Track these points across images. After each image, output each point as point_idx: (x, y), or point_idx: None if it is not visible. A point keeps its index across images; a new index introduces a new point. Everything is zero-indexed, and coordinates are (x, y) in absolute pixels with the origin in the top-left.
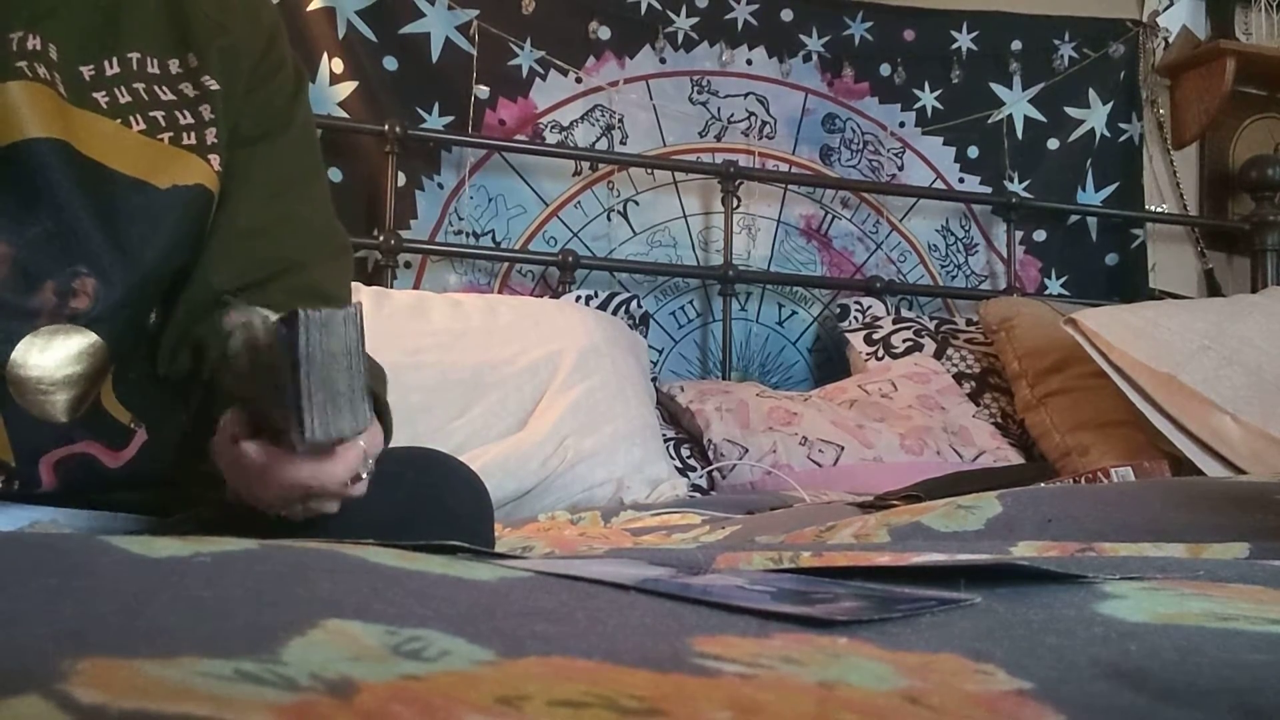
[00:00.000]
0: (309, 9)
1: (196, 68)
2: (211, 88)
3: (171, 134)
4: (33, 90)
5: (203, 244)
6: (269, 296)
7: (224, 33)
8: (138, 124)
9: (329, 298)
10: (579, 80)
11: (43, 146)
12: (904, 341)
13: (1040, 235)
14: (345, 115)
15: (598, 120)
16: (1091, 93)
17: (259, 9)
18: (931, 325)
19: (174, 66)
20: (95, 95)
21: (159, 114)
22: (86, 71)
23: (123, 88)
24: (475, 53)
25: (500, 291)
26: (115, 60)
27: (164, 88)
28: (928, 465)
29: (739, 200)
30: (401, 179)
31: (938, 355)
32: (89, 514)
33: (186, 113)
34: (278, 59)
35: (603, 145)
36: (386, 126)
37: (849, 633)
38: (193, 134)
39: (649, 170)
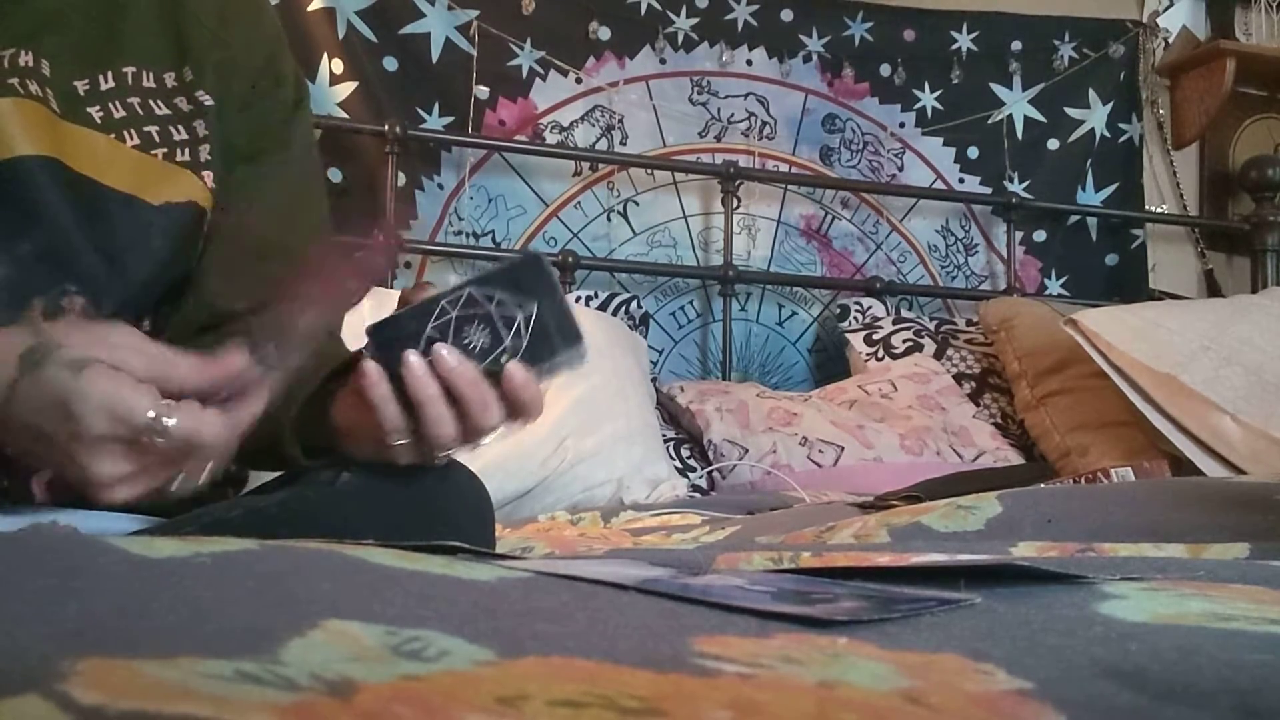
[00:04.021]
0: (309, 9)
1: (191, 82)
2: (205, 103)
3: (165, 150)
4: (23, 107)
5: (193, 259)
6: (263, 319)
7: (222, 46)
8: (131, 139)
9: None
10: (579, 81)
11: (32, 164)
12: (904, 342)
13: (1040, 235)
14: (345, 115)
15: (598, 121)
16: (1091, 93)
17: (260, 20)
18: (931, 326)
19: (170, 80)
20: (89, 110)
21: (153, 129)
22: (81, 86)
23: (117, 102)
24: (475, 53)
25: None
26: (110, 74)
27: (159, 102)
28: (928, 465)
29: (739, 200)
30: (401, 179)
31: (938, 356)
32: (90, 514)
33: (181, 128)
34: (278, 73)
35: (603, 146)
36: (386, 127)
37: (849, 633)
38: (186, 150)
39: (649, 170)
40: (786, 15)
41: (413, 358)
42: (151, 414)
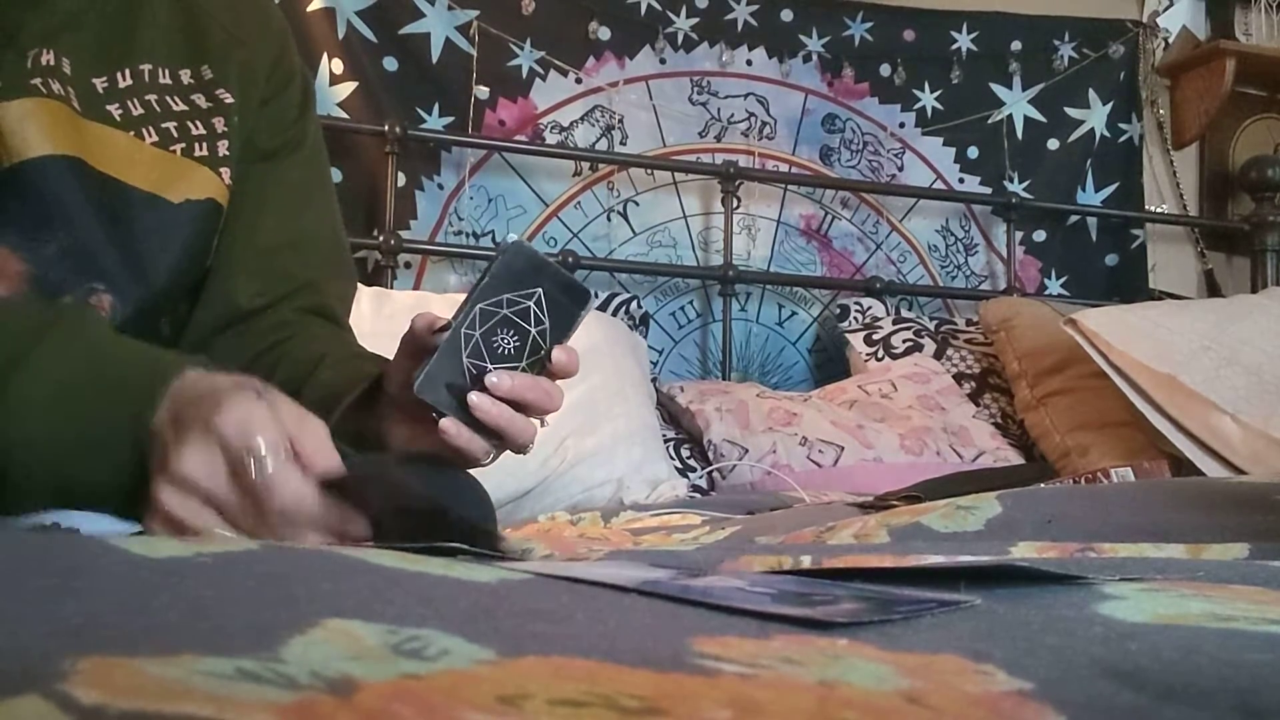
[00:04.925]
0: (309, 9)
1: (211, 80)
2: (226, 100)
3: (184, 145)
4: (46, 107)
5: (211, 257)
6: (281, 314)
7: (240, 46)
8: (150, 136)
9: (336, 318)
10: (579, 81)
11: (55, 164)
12: (904, 342)
13: (1040, 235)
14: (345, 115)
15: (598, 121)
16: (1091, 93)
17: (269, 18)
18: (931, 325)
19: (186, 77)
20: (108, 108)
21: (171, 125)
22: (100, 84)
23: (135, 100)
24: (475, 53)
25: None
26: (128, 72)
27: (176, 98)
28: (928, 466)
29: (739, 200)
30: (401, 179)
31: (938, 355)
32: (91, 516)
33: (199, 123)
34: (288, 69)
35: (603, 146)
36: (386, 127)
37: (849, 634)
38: (204, 145)
39: (649, 171)
40: (786, 15)
41: (475, 398)
42: (265, 446)
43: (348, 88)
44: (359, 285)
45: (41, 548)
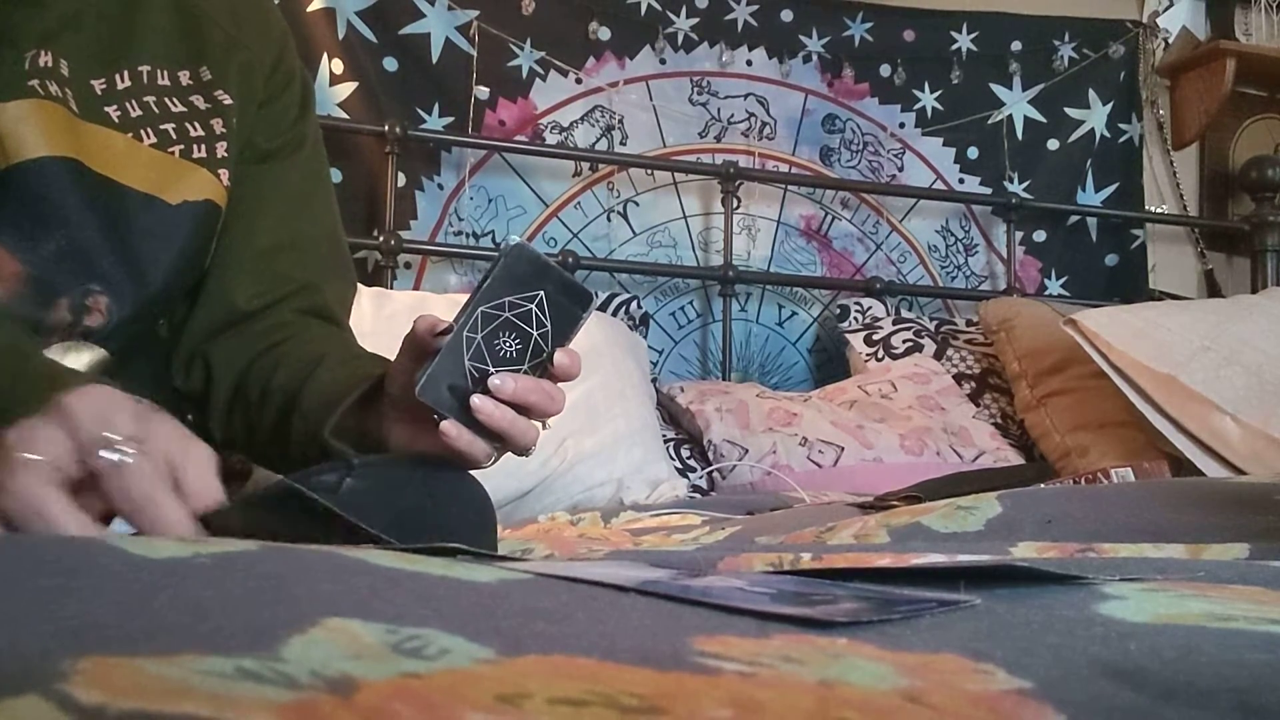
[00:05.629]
0: (309, 10)
1: (210, 81)
2: (225, 102)
3: (182, 146)
4: (44, 108)
5: (209, 259)
6: (280, 315)
7: (239, 48)
8: (149, 137)
9: (335, 320)
10: (579, 81)
11: (53, 165)
12: (904, 342)
13: (1040, 236)
14: (345, 115)
15: (598, 121)
16: (1091, 93)
17: (269, 20)
18: (931, 326)
19: (185, 78)
20: (107, 109)
21: (169, 126)
22: (98, 85)
23: (134, 101)
24: (475, 53)
25: None
26: (126, 73)
27: (174, 99)
28: (928, 466)
29: (739, 201)
30: (401, 179)
31: (938, 356)
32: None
33: (197, 124)
34: (288, 70)
35: (603, 146)
36: (386, 127)
37: (849, 633)
38: (203, 146)
39: (649, 171)
40: (786, 15)
41: (477, 400)
42: (124, 435)
43: (348, 88)
44: (359, 285)
45: (41, 548)
